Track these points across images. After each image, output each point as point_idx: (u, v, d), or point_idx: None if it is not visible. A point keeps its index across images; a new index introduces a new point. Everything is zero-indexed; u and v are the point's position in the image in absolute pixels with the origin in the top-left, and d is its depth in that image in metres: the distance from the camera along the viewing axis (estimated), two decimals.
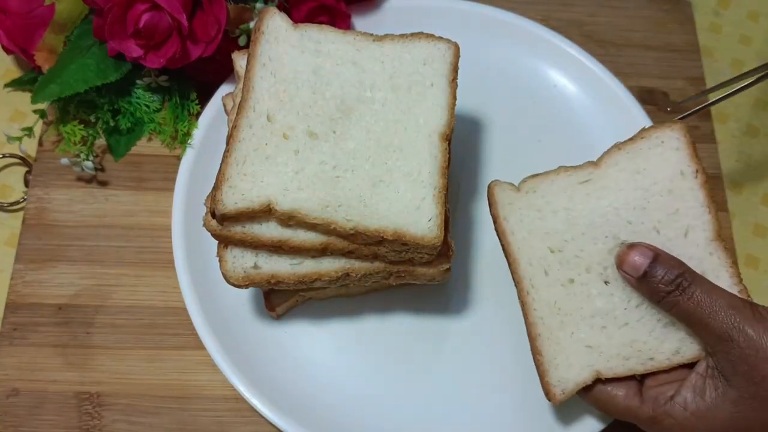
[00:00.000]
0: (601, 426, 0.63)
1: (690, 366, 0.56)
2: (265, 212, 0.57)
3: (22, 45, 0.72)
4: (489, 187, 0.62)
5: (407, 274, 0.60)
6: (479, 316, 0.68)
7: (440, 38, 0.63)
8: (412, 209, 0.57)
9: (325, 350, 0.66)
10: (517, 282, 0.60)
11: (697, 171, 0.60)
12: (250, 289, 0.65)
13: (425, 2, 0.78)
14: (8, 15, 0.71)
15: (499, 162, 0.72)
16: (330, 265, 0.59)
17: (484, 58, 0.78)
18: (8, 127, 0.75)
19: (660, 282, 0.54)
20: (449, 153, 0.60)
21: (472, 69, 0.74)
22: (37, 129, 0.72)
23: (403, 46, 0.62)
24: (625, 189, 0.61)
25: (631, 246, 0.56)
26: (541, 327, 0.59)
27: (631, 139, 0.62)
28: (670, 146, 0.61)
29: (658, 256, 0.55)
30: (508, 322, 0.67)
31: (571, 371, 0.57)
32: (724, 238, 0.59)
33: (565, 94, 0.77)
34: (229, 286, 0.59)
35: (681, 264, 0.55)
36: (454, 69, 0.62)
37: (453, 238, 0.61)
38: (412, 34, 0.63)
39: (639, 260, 0.55)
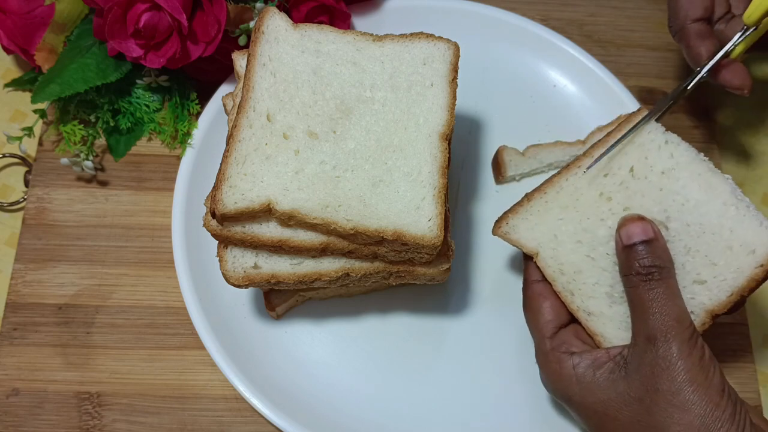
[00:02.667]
0: None
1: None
2: (265, 212, 0.57)
3: (22, 45, 0.72)
4: (498, 150, 0.72)
5: (407, 274, 0.60)
6: (479, 316, 0.68)
7: (440, 38, 0.63)
8: (412, 209, 0.57)
9: (325, 350, 0.66)
10: None
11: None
12: (250, 289, 0.65)
13: (425, 2, 0.78)
14: (8, 15, 0.71)
15: None
16: (330, 265, 0.59)
17: (484, 58, 0.78)
18: (8, 127, 0.76)
19: (637, 260, 0.54)
20: (449, 153, 0.60)
21: (472, 69, 0.74)
22: (37, 129, 0.72)
23: (403, 46, 0.62)
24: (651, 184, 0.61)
25: (641, 218, 0.57)
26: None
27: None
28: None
29: (654, 241, 0.55)
30: (507, 322, 0.67)
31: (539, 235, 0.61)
32: None
33: (565, 94, 0.77)
34: (229, 286, 0.59)
35: (668, 260, 0.55)
36: (454, 69, 0.62)
37: (453, 238, 0.61)
38: (412, 34, 0.63)
39: (636, 232, 0.55)
